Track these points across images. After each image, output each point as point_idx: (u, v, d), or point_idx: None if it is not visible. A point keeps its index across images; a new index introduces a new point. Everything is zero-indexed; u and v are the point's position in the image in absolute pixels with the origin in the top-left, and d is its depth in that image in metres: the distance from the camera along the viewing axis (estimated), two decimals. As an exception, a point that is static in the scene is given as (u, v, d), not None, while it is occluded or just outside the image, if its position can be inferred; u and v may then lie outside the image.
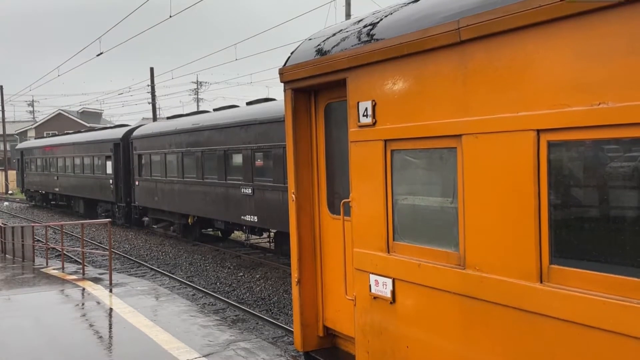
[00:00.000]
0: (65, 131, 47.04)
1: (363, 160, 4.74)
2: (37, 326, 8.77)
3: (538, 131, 3.33)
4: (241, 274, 15.58)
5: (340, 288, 5.43)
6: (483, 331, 3.74)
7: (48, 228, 21.06)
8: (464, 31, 3.73)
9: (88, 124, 61.12)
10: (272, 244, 18.22)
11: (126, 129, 26.37)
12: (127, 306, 9.93)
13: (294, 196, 5.78)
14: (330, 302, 5.77)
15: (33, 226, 16.88)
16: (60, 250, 16.05)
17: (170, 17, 20.63)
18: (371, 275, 4.69)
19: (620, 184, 3.14)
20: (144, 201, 23.73)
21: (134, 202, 24.73)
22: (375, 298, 4.68)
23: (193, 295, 13.38)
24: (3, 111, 55.61)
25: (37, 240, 18.96)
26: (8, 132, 59.26)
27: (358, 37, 4.81)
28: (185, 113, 23.95)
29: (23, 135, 65.88)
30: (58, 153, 33.79)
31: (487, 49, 3.62)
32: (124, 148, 25.33)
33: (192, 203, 19.78)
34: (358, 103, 4.74)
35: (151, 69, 40.13)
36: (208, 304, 12.50)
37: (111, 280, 12.27)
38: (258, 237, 19.49)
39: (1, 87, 54.97)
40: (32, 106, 79.98)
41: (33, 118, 78.36)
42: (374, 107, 4.58)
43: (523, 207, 3.44)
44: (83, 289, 11.61)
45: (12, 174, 52.44)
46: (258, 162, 16.19)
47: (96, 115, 70.41)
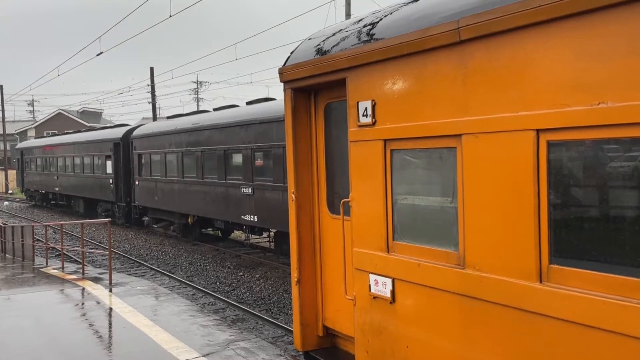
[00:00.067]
0: (65, 131, 47.05)
1: (363, 160, 4.73)
2: (37, 326, 8.77)
3: (538, 131, 3.33)
4: (241, 274, 15.58)
5: (340, 288, 5.43)
6: (483, 331, 3.74)
7: (48, 228, 21.05)
8: (464, 31, 3.73)
9: (88, 124, 61.08)
10: (272, 244, 18.22)
11: (126, 129, 26.35)
12: (127, 306, 9.93)
13: (294, 196, 5.77)
14: (329, 302, 5.77)
15: (33, 226, 16.86)
16: (60, 249, 16.04)
17: (170, 17, 20.68)
18: (371, 275, 4.69)
19: (620, 184, 3.14)
20: (144, 201, 23.73)
21: (134, 202, 24.73)
22: (374, 298, 4.68)
23: (193, 294, 13.39)
24: (3, 111, 55.61)
25: (37, 239, 18.96)
26: (8, 132, 59.25)
27: (358, 37, 4.81)
28: (185, 113, 23.93)
29: (23, 134, 65.89)
30: (58, 153, 33.79)
31: (487, 49, 3.62)
32: (124, 148, 25.33)
33: (192, 203, 19.78)
34: (358, 103, 4.74)
35: (151, 69, 40.17)
36: (208, 304, 12.50)
37: (111, 279, 12.27)
38: (258, 237, 19.48)
39: (1, 87, 55.00)
40: (32, 106, 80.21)
41: (33, 118, 78.41)
42: (374, 107, 4.57)
43: (523, 207, 3.44)
44: (83, 289, 11.61)
45: (12, 174, 52.44)
46: (258, 162, 16.19)
47: (96, 114, 70.41)
